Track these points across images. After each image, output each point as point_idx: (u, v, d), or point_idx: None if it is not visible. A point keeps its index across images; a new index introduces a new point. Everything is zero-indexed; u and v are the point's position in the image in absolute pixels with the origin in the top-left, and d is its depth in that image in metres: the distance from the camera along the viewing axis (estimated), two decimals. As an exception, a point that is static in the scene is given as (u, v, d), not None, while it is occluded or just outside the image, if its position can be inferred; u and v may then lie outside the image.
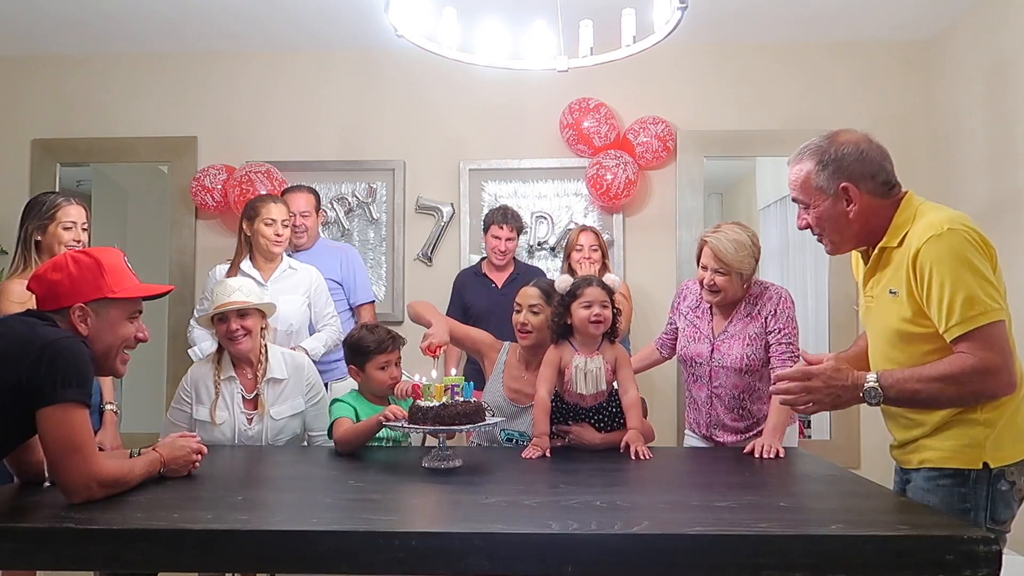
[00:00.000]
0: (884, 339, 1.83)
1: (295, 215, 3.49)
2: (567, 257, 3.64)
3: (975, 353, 1.62)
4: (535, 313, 2.54)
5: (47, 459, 1.69)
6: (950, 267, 1.64)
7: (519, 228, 3.67)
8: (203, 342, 3.20)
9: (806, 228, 1.88)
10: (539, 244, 4.21)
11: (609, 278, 2.52)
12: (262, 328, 2.68)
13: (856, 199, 1.78)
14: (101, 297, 1.80)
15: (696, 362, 2.60)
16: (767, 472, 2.04)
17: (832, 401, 1.72)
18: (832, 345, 4.12)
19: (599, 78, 3.82)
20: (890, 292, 1.77)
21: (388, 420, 2.28)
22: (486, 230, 3.67)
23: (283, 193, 3.60)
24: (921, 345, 1.73)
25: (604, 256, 3.64)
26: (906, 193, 1.82)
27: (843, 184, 1.77)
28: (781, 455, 2.26)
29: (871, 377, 1.71)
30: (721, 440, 2.58)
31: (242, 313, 2.60)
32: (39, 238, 2.68)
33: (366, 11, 3.71)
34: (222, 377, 2.64)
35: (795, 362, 2.42)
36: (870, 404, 1.71)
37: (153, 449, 1.97)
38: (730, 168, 5.24)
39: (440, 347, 2.56)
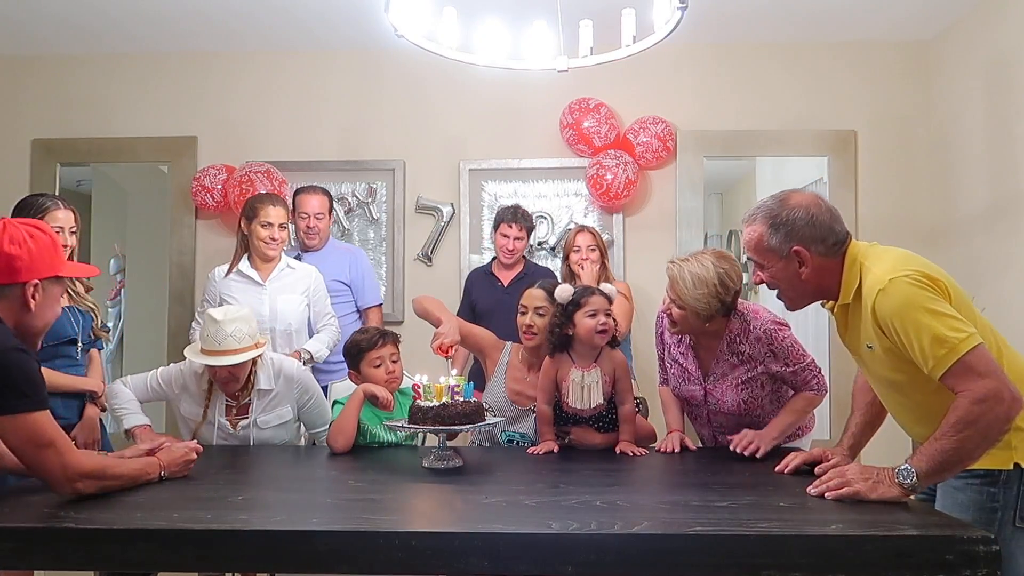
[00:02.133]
0: (885, 386, 1.87)
1: (308, 216, 3.51)
2: (566, 258, 3.63)
3: (965, 386, 1.62)
4: (540, 315, 2.51)
5: (22, 463, 1.70)
6: (906, 317, 1.66)
7: (529, 228, 3.66)
8: (201, 344, 3.21)
9: (761, 284, 1.92)
10: (539, 244, 4.21)
11: (606, 287, 2.47)
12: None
13: (808, 261, 1.81)
14: (54, 275, 1.80)
15: (691, 403, 2.47)
16: (767, 472, 2.04)
17: (871, 483, 1.68)
18: (832, 345, 4.12)
19: (599, 78, 3.82)
20: (867, 347, 1.80)
21: (369, 393, 2.42)
22: (496, 228, 3.67)
23: (296, 193, 3.61)
24: (920, 387, 1.74)
25: (603, 256, 3.62)
26: (848, 246, 1.83)
27: (795, 247, 1.81)
28: (759, 455, 2.17)
29: (902, 468, 1.69)
30: None
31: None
32: None
33: (366, 11, 3.71)
34: (212, 394, 2.57)
35: (817, 378, 2.34)
36: (910, 489, 1.67)
37: (152, 453, 1.98)
38: (730, 168, 5.24)
39: (452, 346, 2.53)
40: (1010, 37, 3.45)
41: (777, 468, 2.00)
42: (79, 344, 2.71)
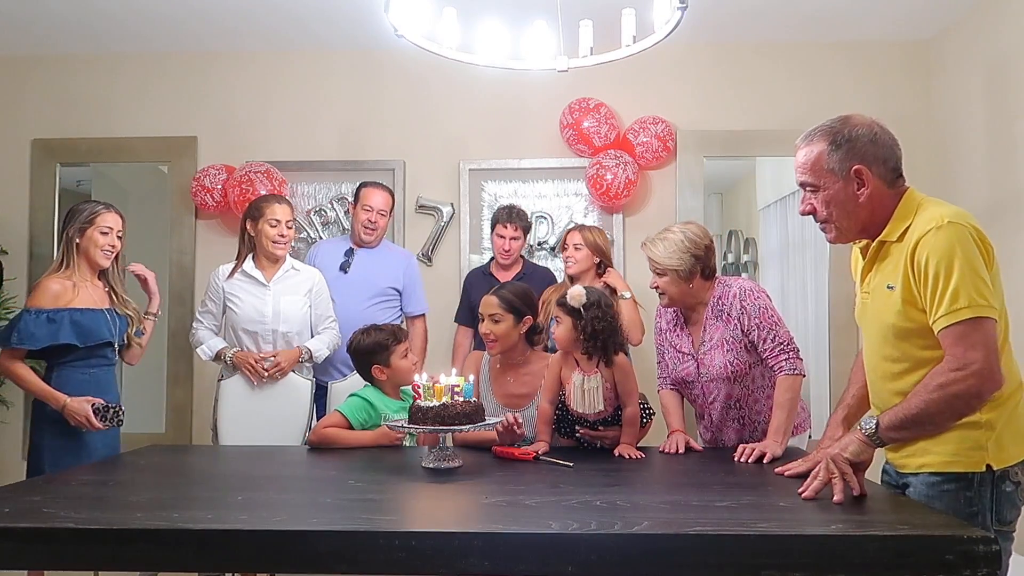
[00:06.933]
0: (880, 335, 1.81)
1: (371, 210, 3.53)
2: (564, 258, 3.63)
3: (955, 351, 1.61)
4: (496, 322, 2.55)
5: None
6: (945, 259, 1.63)
7: (525, 227, 3.66)
8: (209, 340, 3.20)
9: (810, 213, 1.83)
10: (539, 244, 4.21)
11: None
12: None
13: (868, 182, 1.75)
14: None
15: (687, 382, 2.52)
16: (767, 472, 2.04)
17: (850, 457, 1.70)
18: (832, 346, 4.12)
19: (599, 78, 3.82)
20: (887, 287, 1.75)
21: (391, 425, 2.38)
22: (492, 228, 3.67)
23: (363, 186, 3.61)
24: (916, 340, 1.71)
25: (602, 255, 3.56)
26: (908, 188, 1.81)
27: (856, 166, 1.75)
28: (766, 459, 2.19)
29: (865, 418, 1.74)
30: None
31: None
32: (78, 241, 2.82)
33: (366, 11, 3.71)
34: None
35: (787, 354, 2.35)
36: (869, 435, 1.70)
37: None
38: (730, 168, 5.23)
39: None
40: (1010, 37, 3.45)
41: (778, 470, 2.00)
42: (114, 346, 2.89)
